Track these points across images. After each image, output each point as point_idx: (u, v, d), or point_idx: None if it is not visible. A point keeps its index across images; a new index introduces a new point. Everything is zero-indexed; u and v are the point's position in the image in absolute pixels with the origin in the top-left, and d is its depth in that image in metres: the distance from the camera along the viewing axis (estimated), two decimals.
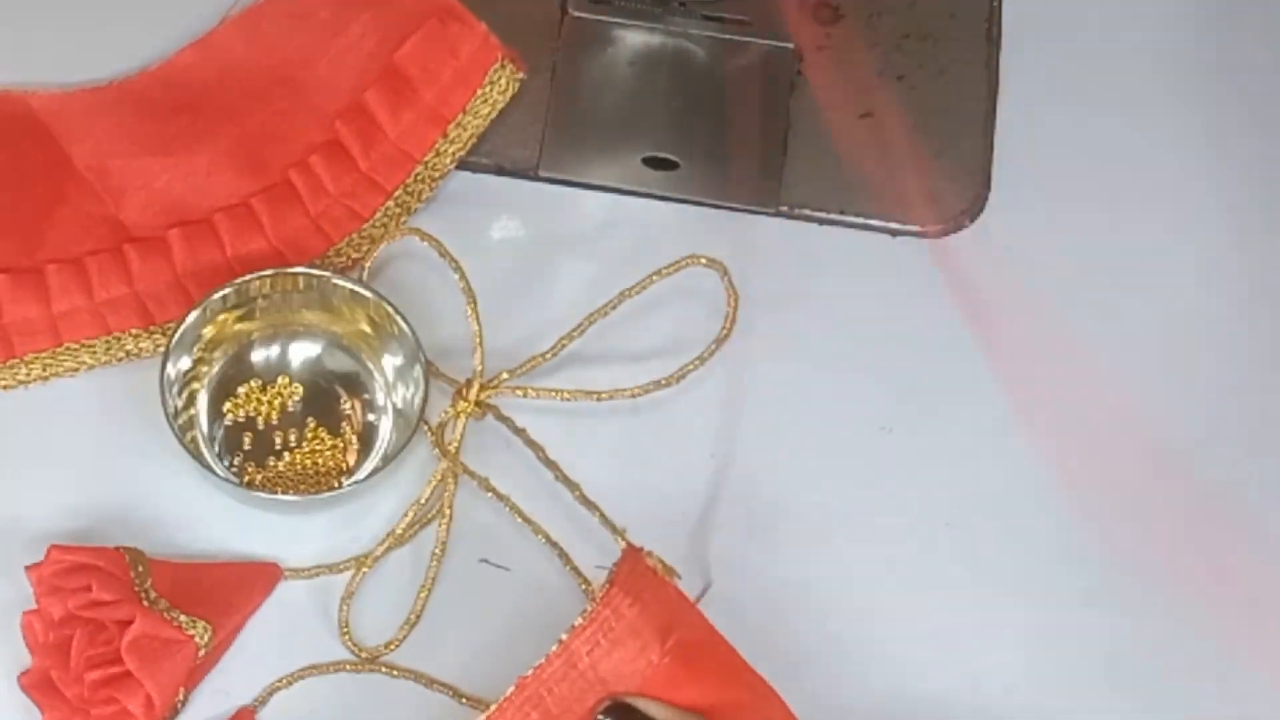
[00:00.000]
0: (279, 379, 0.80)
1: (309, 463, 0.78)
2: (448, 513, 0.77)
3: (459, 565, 0.77)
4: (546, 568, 0.75)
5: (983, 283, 0.82)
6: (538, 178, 0.85)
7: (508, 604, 0.75)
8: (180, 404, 0.78)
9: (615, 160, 0.85)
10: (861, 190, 0.85)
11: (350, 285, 0.79)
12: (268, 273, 0.79)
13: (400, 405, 0.79)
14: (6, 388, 0.80)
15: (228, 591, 0.75)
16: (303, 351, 0.81)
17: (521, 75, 0.84)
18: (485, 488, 0.77)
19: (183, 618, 0.72)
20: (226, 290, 0.78)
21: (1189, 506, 0.79)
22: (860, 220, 0.84)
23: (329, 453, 0.79)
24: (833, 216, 0.84)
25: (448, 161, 0.84)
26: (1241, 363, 0.82)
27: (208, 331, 0.79)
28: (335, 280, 0.79)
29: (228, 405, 0.79)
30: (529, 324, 0.80)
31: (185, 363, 0.78)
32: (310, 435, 0.79)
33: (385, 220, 0.83)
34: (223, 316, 0.79)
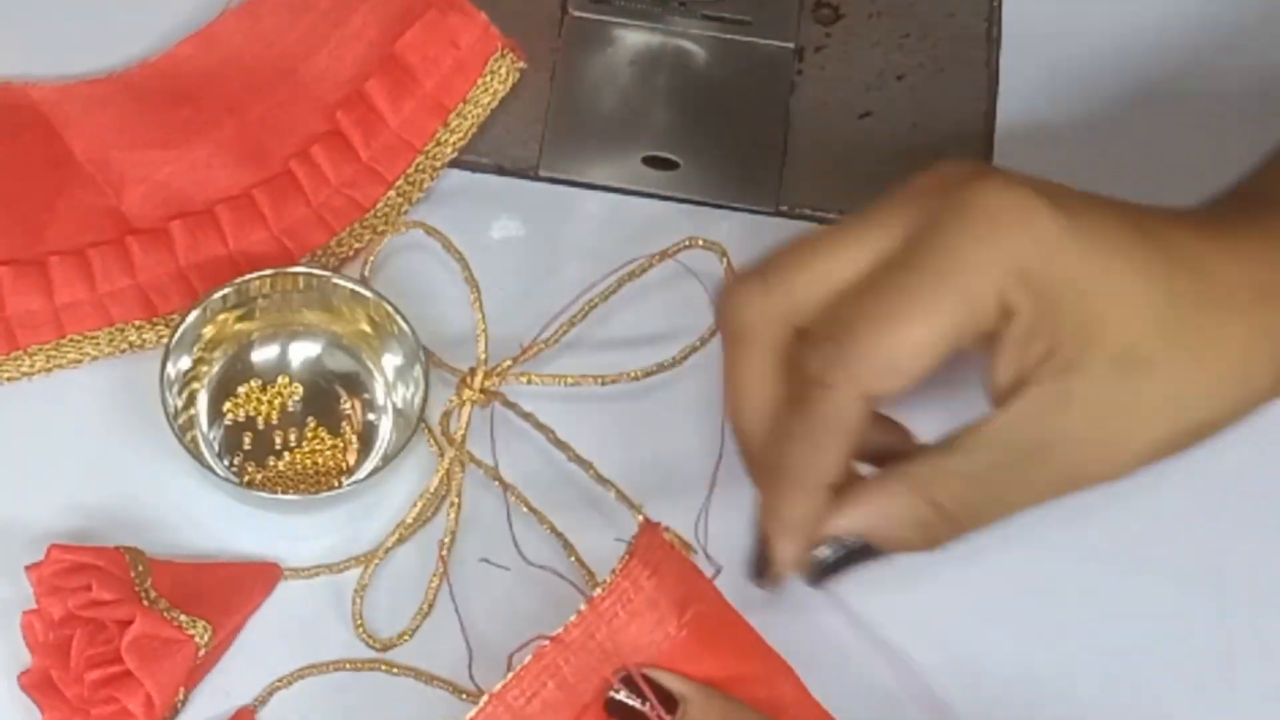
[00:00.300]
0: (279, 379, 0.80)
1: (309, 462, 0.78)
2: (456, 501, 0.77)
3: (459, 564, 0.76)
4: (551, 561, 0.75)
5: None
6: (538, 178, 0.85)
7: (510, 600, 0.75)
8: (180, 404, 0.78)
9: (615, 160, 0.85)
10: (861, 190, 0.85)
11: (350, 285, 0.79)
12: (268, 272, 0.79)
13: (400, 405, 0.79)
14: (10, 380, 0.80)
15: (228, 591, 0.75)
16: (303, 351, 0.81)
17: (522, 65, 0.84)
18: (492, 475, 0.77)
19: (183, 618, 0.72)
20: (226, 290, 0.78)
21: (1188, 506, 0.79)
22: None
23: (329, 452, 0.79)
24: (832, 216, 0.84)
25: (449, 151, 0.84)
26: None
27: (208, 331, 0.79)
28: (335, 280, 0.79)
29: (228, 405, 0.79)
30: (529, 323, 0.80)
31: (185, 362, 0.78)
32: (310, 435, 0.79)
33: (387, 210, 0.83)
34: (223, 316, 0.79)
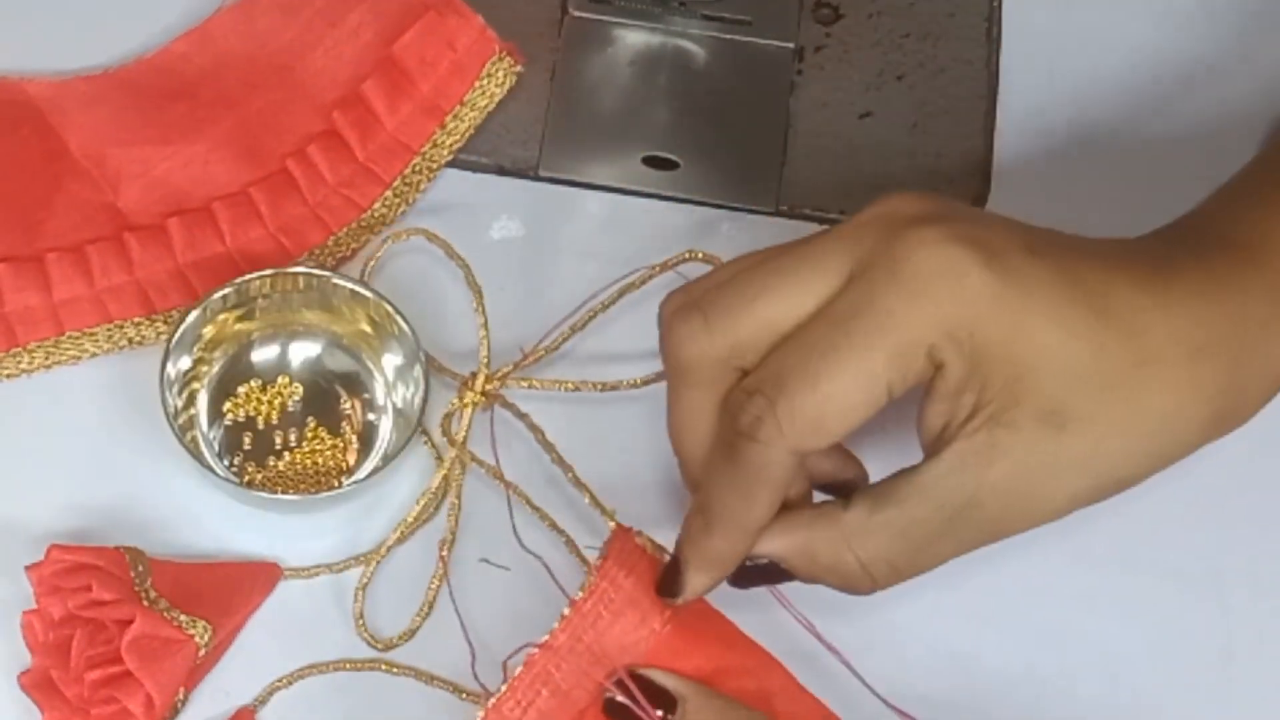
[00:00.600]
0: (279, 379, 0.80)
1: (309, 462, 0.78)
2: (456, 501, 0.77)
3: (459, 563, 0.76)
4: (551, 561, 0.75)
5: None
6: (538, 178, 0.85)
7: (510, 599, 0.75)
8: (180, 404, 0.78)
9: (615, 160, 0.85)
10: (861, 190, 0.85)
11: (350, 285, 0.79)
12: (268, 272, 0.79)
13: (400, 405, 0.79)
14: (10, 376, 0.80)
15: (228, 591, 0.75)
16: (303, 351, 0.81)
17: (519, 68, 0.84)
18: (494, 475, 0.77)
19: (183, 618, 0.72)
20: (226, 290, 0.78)
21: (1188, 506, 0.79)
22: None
23: (329, 452, 0.79)
24: (832, 216, 0.84)
25: (445, 153, 0.84)
26: None
27: (208, 331, 0.79)
28: (335, 280, 0.79)
29: (228, 405, 0.79)
30: (529, 323, 0.80)
31: (185, 362, 0.78)
32: (310, 435, 0.79)
33: (384, 211, 0.83)
34: (223, 316, 0.79)
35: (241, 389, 0.80)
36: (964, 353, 0.64)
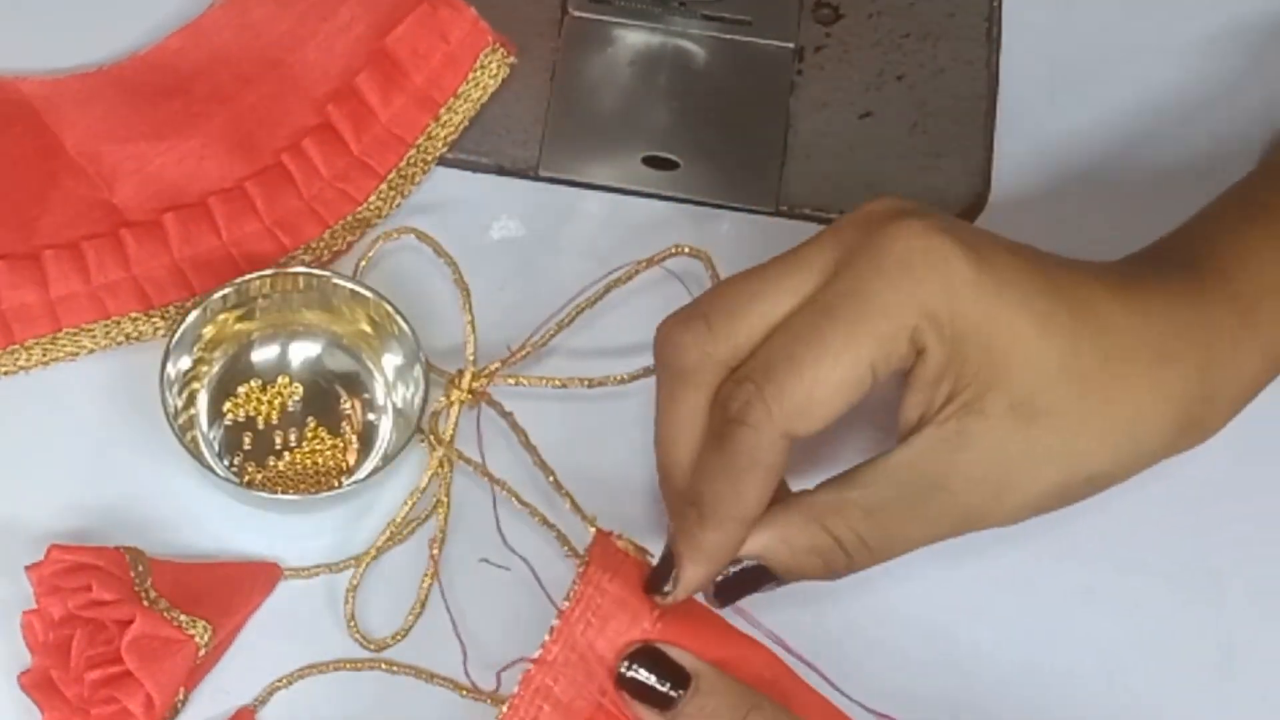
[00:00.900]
0: (279, 379, 0.80)
1: (309, 462, 0.79)
2: (445, 500, 0.77)
3: (459, 563, 0.77)
4: (549, 560, 0.75)
5: None
6: (538, 178, 0.85)
7: (509, 598, 0.75)
8: (180, 404, 0.78)
9: (615, 160, 0.85)
10: (861, 190, 0.85)
11: (350, 285, 0.79)
12: (268, 272, 0.79)
13: (400, 405, 0.79)
14: (7, 373, 0.80)
15: (228, 591, 0.75)
16: (303, 351, 0.81)
17: (512, 59, 0.84)
18: (481, 473, 0.77)
19: (183, 618, 0.72)
20: (226, 290, 0.78)
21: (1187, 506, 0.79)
22: None
23: (329, 452, 0.79)
24: (832, 216, 0.84)
25: (439, 145, 0.84)
26: None
27: (208, 331, 0.79)
28: (335, 280, 0.79)
29: (228, 405, 0.79)
30: (529, 324, 0.80)
31: (185, 363, 0.79)
32: (310, 435, 0.79)
33: (379, 204, 0.83)
34: (223, 316, 0.79)
35: (241, 389, 0.80)
36: (945, 337, 0.65)
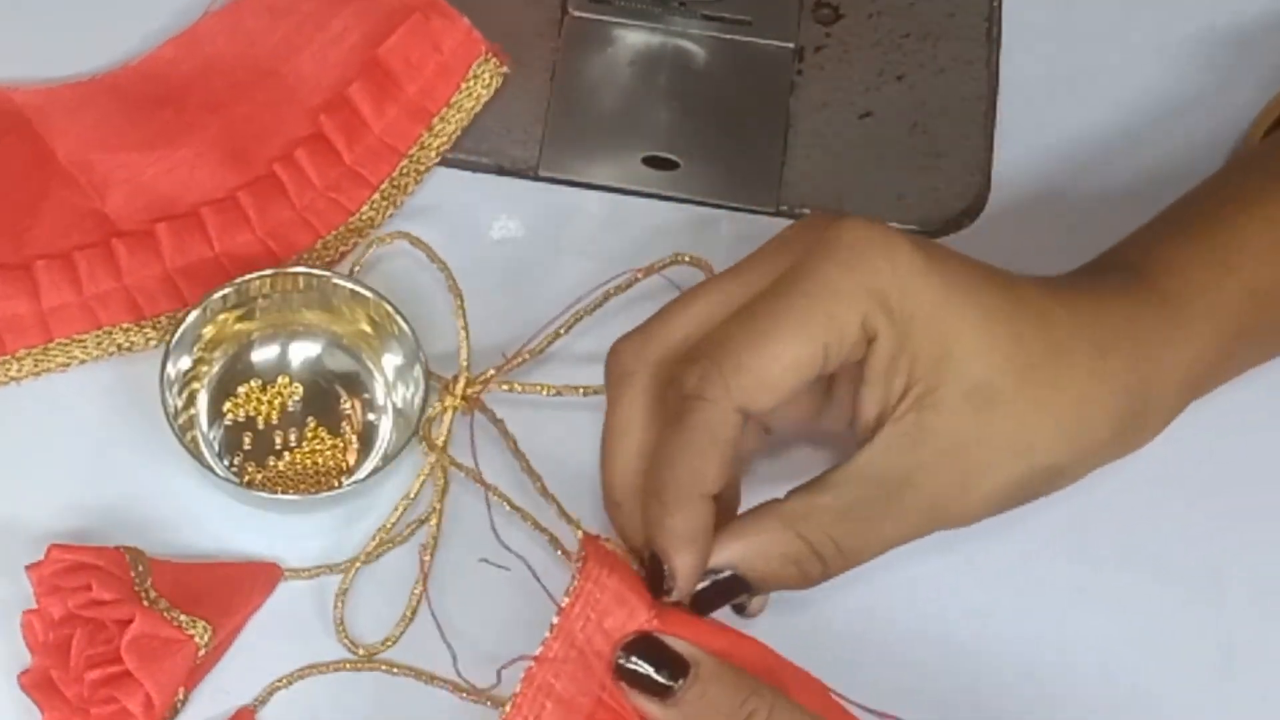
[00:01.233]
0: (279, 379, 0.80)
1: (309, 462, 0.79)
2: (437, 506, 0.77)
3: (459, 563, 0.76)
4: (537, 560, 0.75)
5: None
6: (538, 178, 0.85)
7: (508, 600, 0.75)
8: (180, 404, 0.78)
9: (615, 160, 0.85)
10: (861, 190, 0.85)
11: (350, 285, 0.79)
12: (268, 272, 0.79)
13: (400, 405, 0.79)
14: None
15: (228, 591, 0.75)
16: (303, 351, 0.81)
17: (505, 69, 0.84)
18: (474, 478, 0.77)
19: (183, 618, 0.72)
20: (226, 290, 0.78)
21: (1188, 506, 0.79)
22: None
23: (329, 452, 0.79)
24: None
25: (432, 155, 0.84)
26: None
27: (208, 331, 0.79)
28: (335, 280, 0.79)
29: (228, 405, 0.79)
30: (528, 324, 0.80)
31: (185, 363, 0.79)
32: (310, 435, 0.79)
33: (372, 214, 0.83)
34: (223, 316, 0.79)
35: (241, 389, 0.80)
36: (894, 321, 0.67)
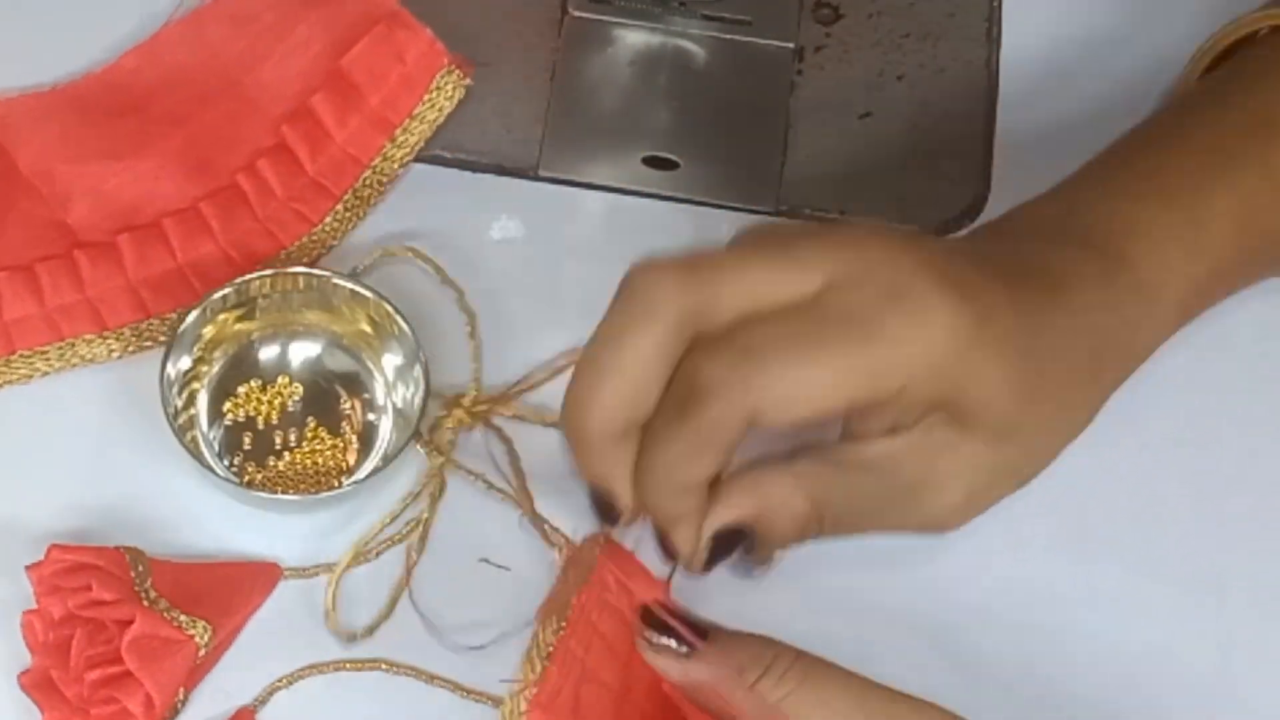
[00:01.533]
0: (279, 379, 0.80)
1: (309, 462, 0.79)
2: (429, 516, 0.77)
3: (459, 563, 0.76)
4: (530, 566, 0.75)
5: None
6: (538, 178, 0.85)
7: (509, 600, 0.75)
8: (180, 404, 0.78)
9: (615, 160, 0.85)
10: (861, 190, 0.85)
11: (350, 285, 0.79)
12: (268, 272, 0.79)
13: (400, 405, 0.79)
14: None
15: (228, 591, 0.75)
16: (303, 351, 0.81)
17: (468, 81, 0.84)
18: (480, 480, 0.77)
19: (183, 618, 0.72)
20: (226, 290, 0.78)
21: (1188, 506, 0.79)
22: (860, 220, 0.84)
23: (329, 452, 0.79)
24: (833, 216, 0.84)
25: (395, 166, 0.84)
26: (1246, 351, 0.82)
27: (208, 331, 0.79)
28: (335, 280, 0.79)
29: (228, 405, 0.79)
30: (528, 324, 0.80)
31: (185, 363, 0.79)
32: (310, 435, 0.79)
33: (334, 225, 0.83)
34: (223, 316, 0.79)
35: (241, 389, 0.80)
36: (939, 385, 0.66)
